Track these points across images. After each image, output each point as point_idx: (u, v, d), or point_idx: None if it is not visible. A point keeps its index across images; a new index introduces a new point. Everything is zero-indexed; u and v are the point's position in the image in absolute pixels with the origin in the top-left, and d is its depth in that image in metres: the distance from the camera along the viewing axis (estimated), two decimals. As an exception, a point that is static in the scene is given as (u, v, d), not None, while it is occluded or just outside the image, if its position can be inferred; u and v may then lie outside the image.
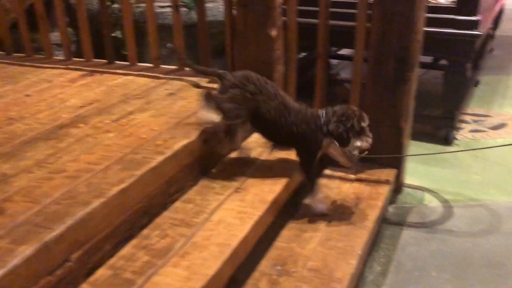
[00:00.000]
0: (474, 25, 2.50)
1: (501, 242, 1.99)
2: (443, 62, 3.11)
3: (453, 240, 2.00)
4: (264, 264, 1.57)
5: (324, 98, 2.20)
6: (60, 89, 2.21)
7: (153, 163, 1.49)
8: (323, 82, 2.17)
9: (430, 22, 2.50)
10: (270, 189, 1.68)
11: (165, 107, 1.97)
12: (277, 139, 1.83)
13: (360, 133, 1.70)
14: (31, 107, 1.99)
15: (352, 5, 2.99)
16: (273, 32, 2.18)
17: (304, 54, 4.08)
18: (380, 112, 2.08)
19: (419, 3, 1.85)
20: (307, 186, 1.79)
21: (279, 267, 1.56)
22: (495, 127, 3.12)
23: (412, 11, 1.86)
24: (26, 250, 1.08)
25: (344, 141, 1.69)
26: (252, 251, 1.55)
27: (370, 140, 1.72)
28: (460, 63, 2.62)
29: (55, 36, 3.10)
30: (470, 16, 2.48)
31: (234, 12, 2.24)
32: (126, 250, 1.35)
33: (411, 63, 1.96)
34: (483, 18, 2.66)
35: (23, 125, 1.81)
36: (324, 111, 1.72)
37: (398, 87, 2.01)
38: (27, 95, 2.13)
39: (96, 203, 1.28)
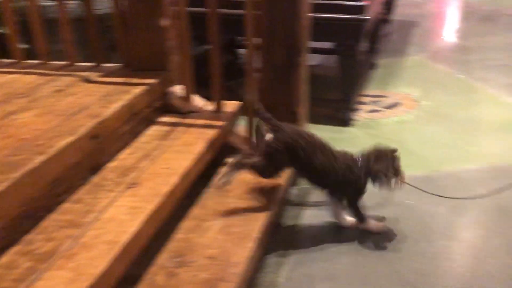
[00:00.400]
0: (360, 10, 2.62)
1: (393, 212, 2.12)
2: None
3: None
4: (162, 258, 1.56)
5: (222, 88, 2.21)
6: None
7: (33, 164, 1.41)
8: (218, 72, 2.17)
9: (320, 8, 2.60)
10: (165, 181, 1.66)
11: (52, 105, 1.87)
12: (326, 185, 1.94)
13: (397, 173, 1.85)
14: None
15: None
16: (164, 22, 2.15)
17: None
18: (275, 98, 2.13)
19: (302, -11, 1.92)
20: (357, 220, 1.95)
21: (177, 259, 1.55)
22: (390, 106, 3.32)
23: (296, -3, 1.92)
24: None
25: (387, 180, 1.85)
26: (150, 245, 1.53)
27: (403, 178, 1.87)
28: (351, 47, 2.75)
29: None
30: (356, 1, 2.61)
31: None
32: (6, 258, 1.27)
33: (299, 49, 2.03)
34: (371, 3, 2.81)
35: None
36: (359, 155, 1.90)
37: (290, 73, 2.07)
38: None
39: (-36, 212, 1.19)
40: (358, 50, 2.79)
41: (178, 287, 1.43)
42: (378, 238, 1.96)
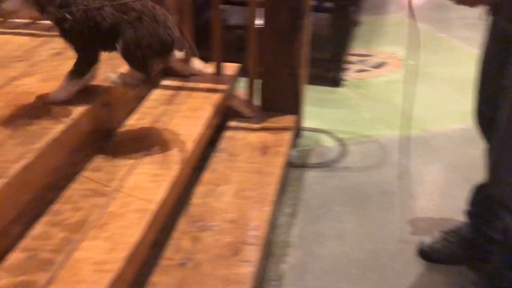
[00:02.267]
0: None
1: (391, 172, 2.21)
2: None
3: (350, 176, 2.19)
4: (183, 223, 1.59)
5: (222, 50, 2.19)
6: None
7: (53, 133, 1.39)
8: (219, 34, 2.14)
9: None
10: (181, 148, 1.66)
11: (54, 69, 1.80)
12: None
13: None
14: None
15: None
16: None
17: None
18: (278, 61, 2.13)
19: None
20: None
21: (198, 223, 1.58)
22: (377, 66, 3.37)
23: (303, -42, 1.89)
24: None
25: None
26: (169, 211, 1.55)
27: None
28: (345, 6, 2.75)
29: None
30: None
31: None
32: (38, 229, 1.27)
33: (303, 11, 2.02)
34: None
35: None
36: None
37: (293, 35, 2.07)
38: None
39: (-2, 185, 1.17)
40: (350, 9, 2.79)
41: (204, 251, 1.47)
42: (379, 198, 2.05)
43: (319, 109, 2.79)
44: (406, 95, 2.92)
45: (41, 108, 1.53)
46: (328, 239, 1.82)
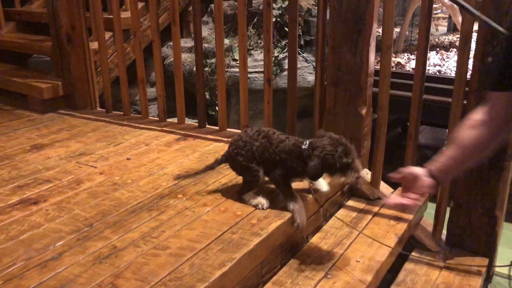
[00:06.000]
0: None
1: None
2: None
3: None
4: None
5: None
6: (157, 154, 2.35)
7: (250, 245, 1.54)
8: (412, 163, 2.16)
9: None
10: (361, 278, 1.67)
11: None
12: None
13: (343, 169, 1.61)
14: (132, 172, 2.13)
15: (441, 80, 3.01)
16: (363, 111, 2.22)
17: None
18: (472, 199, 2.03)
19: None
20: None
21: None
22: None
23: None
24: (140, 336, 1.15)
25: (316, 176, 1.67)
26: None
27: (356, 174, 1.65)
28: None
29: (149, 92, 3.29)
30: None
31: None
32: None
33: (509, 152, 1.92)
34: None
35: (126, 192, 1.94)
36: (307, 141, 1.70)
37: (493, 175, 1.96)
38: (128, 159, 2.29)
39: (199, 287, 1.34)
40: None
41: None
42: None
43: (516, 252, 2.51)
44: None
45: (242, 217, 1.72)
46: None
